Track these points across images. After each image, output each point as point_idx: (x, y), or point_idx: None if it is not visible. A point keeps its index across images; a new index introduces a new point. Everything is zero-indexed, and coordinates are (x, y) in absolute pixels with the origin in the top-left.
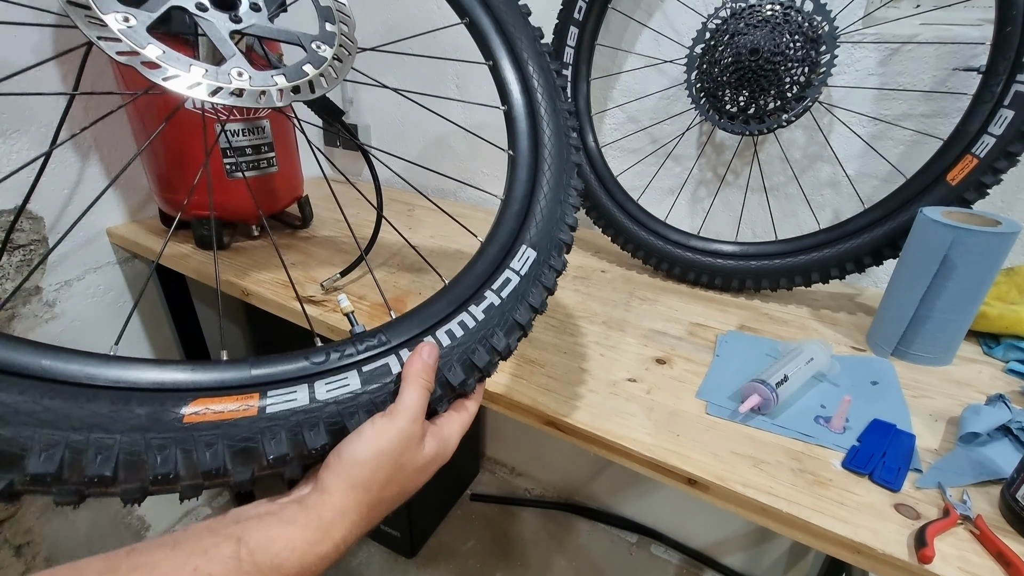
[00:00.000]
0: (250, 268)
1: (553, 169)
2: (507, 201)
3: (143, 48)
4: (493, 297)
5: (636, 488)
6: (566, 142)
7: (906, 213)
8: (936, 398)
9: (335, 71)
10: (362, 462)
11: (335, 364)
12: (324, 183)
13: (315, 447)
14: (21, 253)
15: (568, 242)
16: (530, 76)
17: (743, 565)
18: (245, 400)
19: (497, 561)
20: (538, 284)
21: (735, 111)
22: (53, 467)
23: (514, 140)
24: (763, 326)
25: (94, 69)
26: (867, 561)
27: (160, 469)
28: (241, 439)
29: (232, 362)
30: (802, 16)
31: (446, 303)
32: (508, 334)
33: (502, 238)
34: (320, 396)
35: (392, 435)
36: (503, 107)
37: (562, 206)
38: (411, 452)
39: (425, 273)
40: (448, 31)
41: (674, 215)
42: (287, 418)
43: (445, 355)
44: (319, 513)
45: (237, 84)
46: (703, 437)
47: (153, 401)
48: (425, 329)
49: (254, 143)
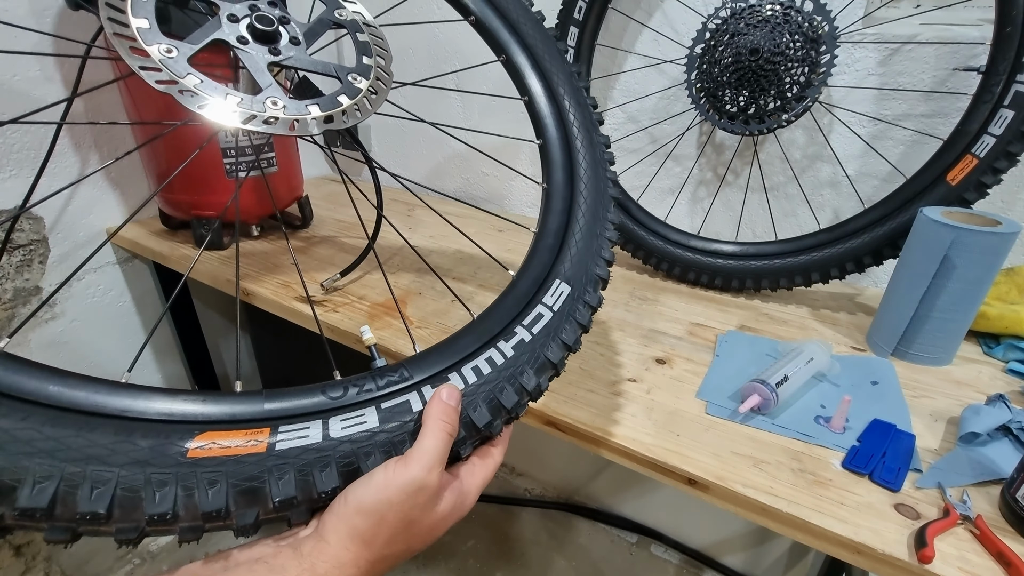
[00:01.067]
0: (250, 268)
1: (589, 202)
2: (541, 233)
3: (183, 78)
4: (524, 333)
5: (636, 488)
6: (603, 174)
7: (906, 213)
8: (936, 398)
9: (369, 103)
10: (367, 512)
11: (352, 400)
12: (324, 183)
13: (325, 490)
14: (21, 253)
15: (604, 277)
16: (566, 110)
17: (743, 565)
18: (254, 435)
19: (497, 561)
20: (572, 320)
21: (735, 111)
22: (44, 502)
23: (549, 172)
24: (763, 326)
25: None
26: (867, 561)
27: (158, 508)
28: (246, 478)
29: (246, 394)
30: (802, 16)
31: (474, 338)
32: (539, 373)
33: (535, 271)
34: (335, 434)
35: (404, 484)
36: (538, 140)
37: (598, 240)
38: (424, 507)
39: (425, 273)
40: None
41: (674, 215)
42: (297, 456)
43: (470, 393)
44: (313, 564)
45: (271, 112)
46: (703, 437)
47: (158, 433)
48: (451, 365)
49: (254, 143)
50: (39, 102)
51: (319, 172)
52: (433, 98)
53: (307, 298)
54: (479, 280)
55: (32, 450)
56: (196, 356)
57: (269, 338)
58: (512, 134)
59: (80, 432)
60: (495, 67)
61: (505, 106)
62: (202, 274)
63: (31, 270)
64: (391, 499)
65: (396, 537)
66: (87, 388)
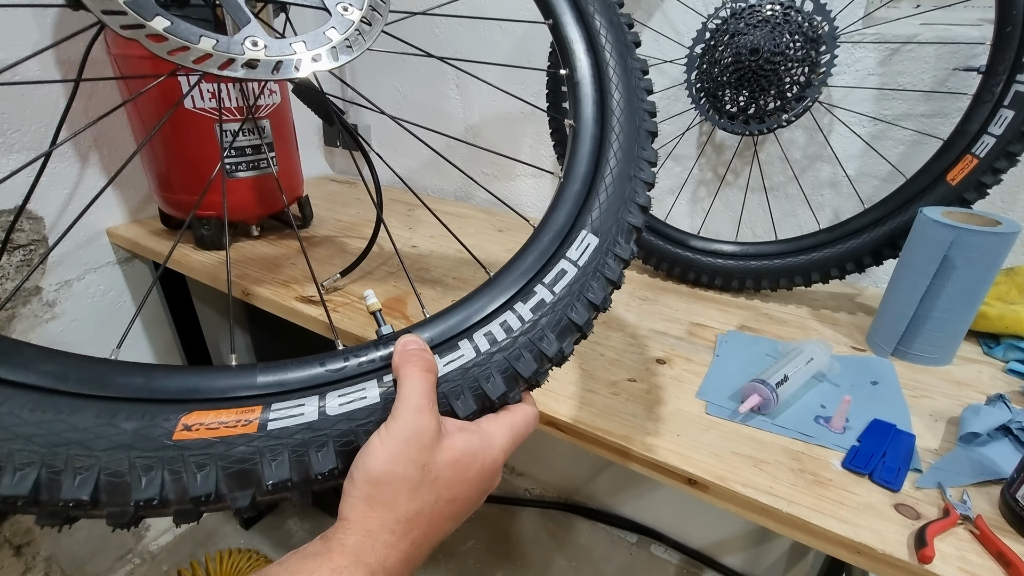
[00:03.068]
0: (250, 268)
1: (622, 139)
2: (566, 180)
3: (149, 20)
4: (544, 292)
5: (636, 488)
6: (638, 106)
7: (906, 213)
8: (936, 398)
9: (363, 36)
10: (375, 478)
11: (352, 372)
12: (324, 183)
13: (322, 471)
14: (21, 253)
15: (638, 225)
16: (596, 32)
17: (743, 565)
18: (244, 414)
19: (497, 561)
20: (599, 276)
21: (735, 111)
22: (25, 489)
23: (577, 107)
24: (763, 326)
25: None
26: (867, 561)
27: (144, 494)
28: (236, 460)
29: (238, 368)
30: (802, 16)
31: (488, 300)
32: (561, 336)
33: (558, 223)
34: (331, 410)
35: (398, 435)
36: (564, 70)
37: (632, 183)
38: (431, 447)
39: (425, 274)
40: None
41: (674, 215)
42: (291, 436)
43: (483, 363)
44: (341, 540)
45: (251, 55)
46: (703, 437)
47: (143, 414)
48: (462, 331)
49: (254, 143)
50: (39, 102)
51: (319, 172)
52: (433, 99)
53: (321, 299)
54: (480, 281)
55: (12, 436)
56: (197, 356)
57: (269, 338)
58: (511, 135)
59: (61, 415)
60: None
61: (505, 106)
62: (202, 274)
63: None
64: (393, 454)
65: (418, 488)
66: (69, 365)
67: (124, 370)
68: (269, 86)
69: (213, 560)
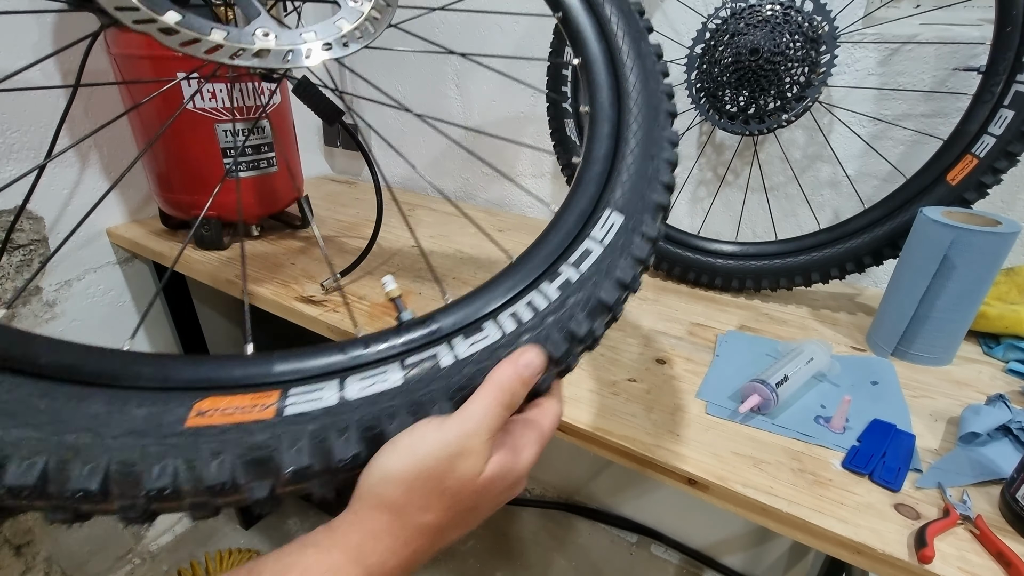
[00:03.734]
0: (250, 268)
1: (640, 120)
2: (585, 164)
3: (161, 15)
4: (570, 272)
5: (636, 488)
6: (655, 88)
7: (906, 213)
8: (936, 398)
9: (372, 26)
10: (393, 480)
11: (372, 357)
12: (324, 183)
13: (344, 458)
14: (21, 253)
15: (664, 204)
16: (606, 20)
17: (743, 565)
18: (261, 399)
19: (497, 561)
20: (627, 255)
21: (735, 111)
22: (32, 479)
23: (592, 94)
24: (763, 326)
25: (94, 70)
26: (867, 561)
27: (156, 483)
28: (253, 447)
29: (254, 356)
30: (802, 16)
31: (513, 282)
32: (591, 316)
33: (581, 204)
34: (351, 395)
35: (434, 447)
36: (576, 60)
37: (654, 162)
38: (462, 472)
39: (425, 274)
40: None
41: (674, 215)
42: (311, 421)
43: (509, 344)
44: (345, 534)
45: (261, 44)
46: (703, 437)
47: (155, 401)
48: (487, 313)
49: (254, 143)
50: (39, 102)
51: (319, 172)
52: (433, 99)
53: (344, 301)
54: (480, 281)
55: (21, 424)
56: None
57: (268, 339)
58: (510, 135)
59: (71, 403)
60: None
61: (505, 106)
62: (202, 274)
63: (31, 270)
64: (418, 465)
65: (429, 505)
66: (78, 355)
67: (137, 360)
68: (269, 87)
69: (213, 560)
